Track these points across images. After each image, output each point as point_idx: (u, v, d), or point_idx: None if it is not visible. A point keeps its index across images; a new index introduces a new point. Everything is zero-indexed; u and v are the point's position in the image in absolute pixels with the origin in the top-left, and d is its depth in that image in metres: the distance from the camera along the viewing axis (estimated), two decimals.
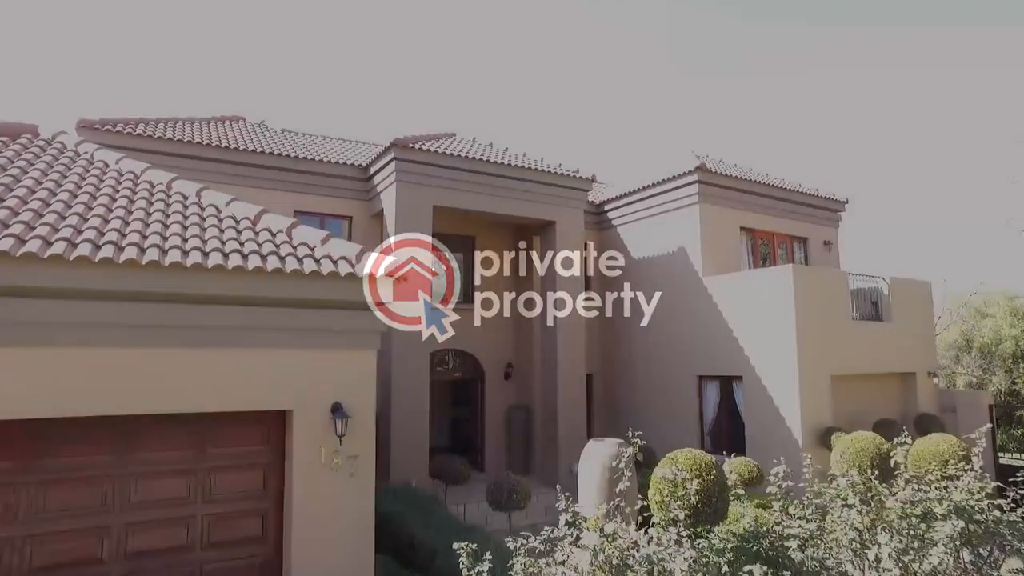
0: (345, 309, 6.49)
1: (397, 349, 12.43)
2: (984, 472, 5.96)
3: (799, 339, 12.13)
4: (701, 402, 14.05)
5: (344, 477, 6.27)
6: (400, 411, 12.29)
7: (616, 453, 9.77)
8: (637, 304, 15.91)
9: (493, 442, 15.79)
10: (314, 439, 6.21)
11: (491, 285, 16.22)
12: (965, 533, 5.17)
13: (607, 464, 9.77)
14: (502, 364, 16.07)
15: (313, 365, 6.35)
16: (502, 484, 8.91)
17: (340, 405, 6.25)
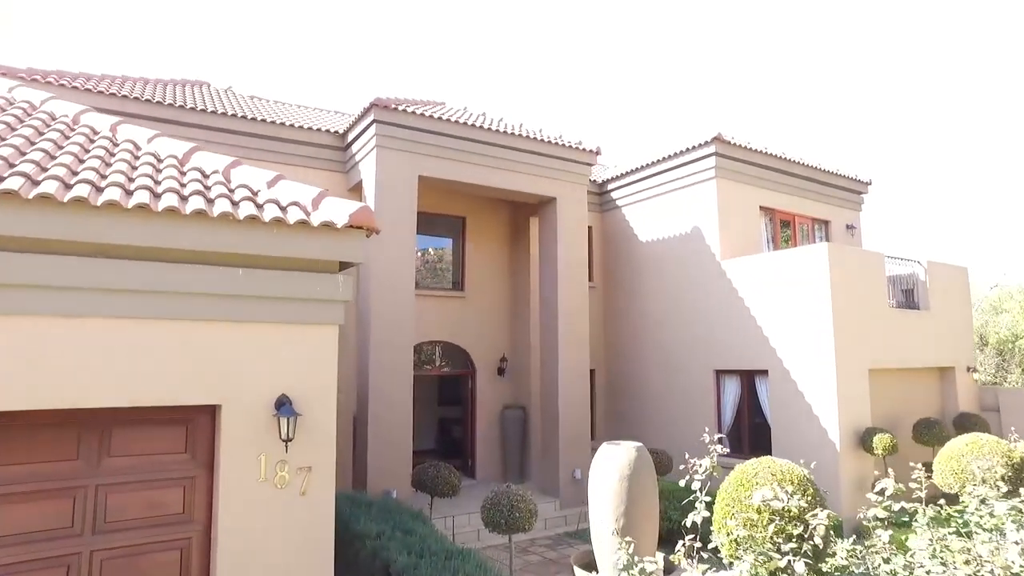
0: (297, 270, 4.88)
1: (376, 337, 10.81)
2: None
3: (836, 327, 10.62)
4: (718, 400, 12.52)
5: (292, 497, 4.66)
6: (379, 411, 10.66)
7: (635, 459, 8.20)
8: (644, 292, 14.36)
9: (485, 445, 14.19)
10: (250, 446, 4.60)
11: (484, 271, 14.64)
12: None
13: (624, 472, 8.19)
14: (495, 359, 14.47)
15: (251, 345, 4.73)
16: (500, 500, 7.31)
17: (287, 399, 4.66)
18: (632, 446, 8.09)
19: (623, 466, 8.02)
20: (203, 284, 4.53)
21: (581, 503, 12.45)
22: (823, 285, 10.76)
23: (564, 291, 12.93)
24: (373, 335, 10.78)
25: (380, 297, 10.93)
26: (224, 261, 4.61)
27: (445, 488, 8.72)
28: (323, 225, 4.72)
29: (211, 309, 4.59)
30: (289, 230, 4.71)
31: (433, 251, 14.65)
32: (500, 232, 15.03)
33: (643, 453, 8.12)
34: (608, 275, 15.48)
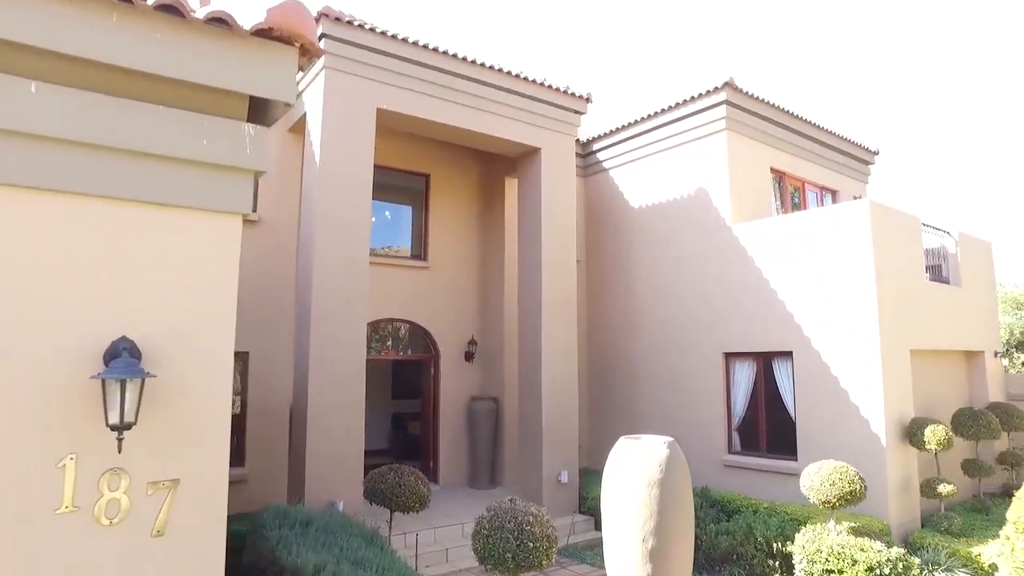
0: (166, 104, 2.66)
1: (320, 308, 8.51)
2: None
3: (880, 300, 8.86)
4: (728, 388, 10.66)
5: (136, 540, 2.43)
6: (322, 402, 8.37)
7: (667, 459, 6.15)
8: (636, 265, 12.42)
9: (450, 444, 12.01)
10: (40, 438, 2.34)
11: (451, 238, 12.45)
12: None
13: (654, 476, 6.06)
14: (463, 341, 12.30)
15: (57, 240, 2.49)
16: (503, 522, 5.10)
17: (128, 347, 2.44)
18: (661, 442, 6.07)
19: (652, 468, 5.99)
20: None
21: (569, 510, 10.41)
22: (865, 249, 8.99)
23: (550, 262, 10.86)
24: (316, 305, 8.48)
25: (326, 259, 8.64)
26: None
27: (410, 500, 6.52)
28: (212, 21, 2.53)
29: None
30: (143, 22, 2.49)
31: (390, 213, 12.38)
32: (471, 193, 12.86)
33: (676, 452, 6.11)
34: (592, 247, 13.49)
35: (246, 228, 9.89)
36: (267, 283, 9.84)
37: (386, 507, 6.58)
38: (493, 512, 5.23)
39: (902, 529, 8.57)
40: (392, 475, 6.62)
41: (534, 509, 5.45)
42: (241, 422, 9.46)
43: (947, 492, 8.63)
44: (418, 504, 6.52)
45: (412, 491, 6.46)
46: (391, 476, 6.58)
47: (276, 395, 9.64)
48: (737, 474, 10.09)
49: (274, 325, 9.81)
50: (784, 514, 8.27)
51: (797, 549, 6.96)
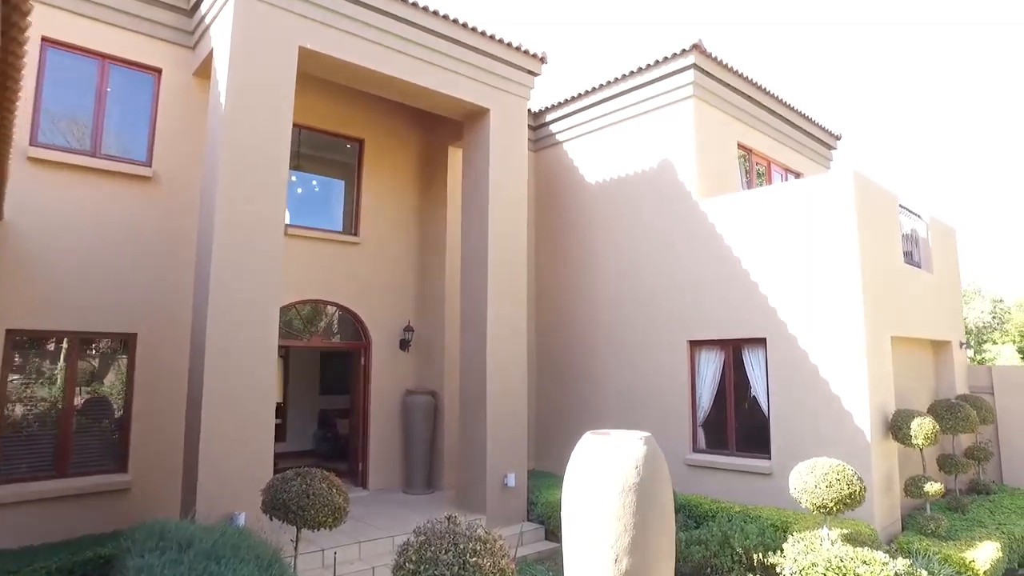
0: None
1: (219, 284, 7.00)
2: None
3: (865, 282, 8.01)
4: (693, 380, 9.67)
5: None
6: (221, 393, 6.87)
7: (644, 459, 5.01)
8: (591, 245, 11.33)
9: (381, 444, 10.62)
10: None
11: (386, 211, 11.07)
12: None
13: (629, 480, 4.89)
14: (397, 327, 10.94)
15: None
16: (434, 551, 3.77)
17: None
18: (637, 438, 4.94)
19: (627, 471, 4.84)
20: None
21: (517, 518, 9.20)
22: (848, 225, 8.12)
23: (498, 235, 9.62)
24: (216, 279, 6.97)
25: (229, 224, 7.14)
26: None
27: (321, 514, 5.09)
28: None
29: None
30: None
31: (317, 182, 10.90)
32: (410, 163, 11.50)
33: (655, 450, 4.99)
34: (543, 228, 12.34)
35: (137, 185, 8.30)
36: (162, 251, 8.23)
37: (290, 522, 5.15)
38: (424, 537, 3.93)
39: (885, 533, 7.73)
40: (298, 482, 5.18)
41: (481, 532, 4.19)
42: (124, 419, 7.84)
43: (934, 491, 7.86)
44: (332, 518, 5.12)
45: (324, 502, 5.06)
46: (297, 483, 5.14)
47: (171, 386, 8.05)
48: (703, 475, 9.10)
49: (170, 301, 8.21)
50: (763, 520, 7.28)
51: (787, 562, 5.95)
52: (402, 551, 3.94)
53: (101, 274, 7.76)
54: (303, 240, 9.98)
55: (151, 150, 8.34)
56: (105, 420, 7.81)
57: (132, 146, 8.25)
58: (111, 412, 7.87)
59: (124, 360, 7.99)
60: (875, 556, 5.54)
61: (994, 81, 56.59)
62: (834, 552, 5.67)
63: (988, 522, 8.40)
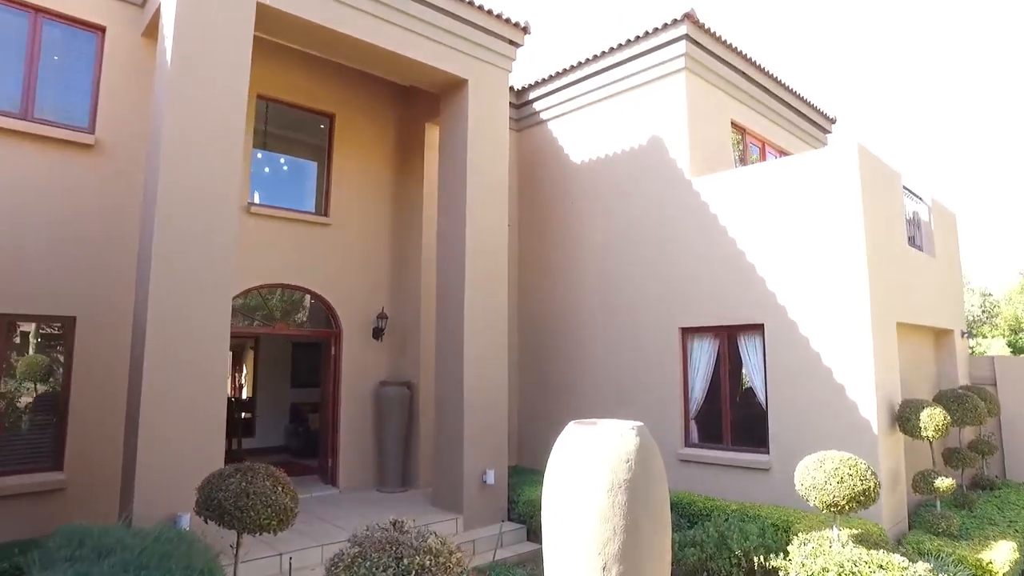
0: None
1: (163, 256, 6.27)
2: None
3: (871, 263, 7.44)
4: (685, 370, 9.07)
5: None
6: (163, 387, 6.14)
7: (636, 452, 4.36)
8: (576, 228, 10.70)
9: (353, 439, 9.93)
10: None
11: (358, 191, 10.37)
12: None
13: (619, 477, 4.17)
14: (370, 315, 10.25)
15: None
16: (377, 555, 3.15)
17: None
18: (628, 428, 4.29)
19: (617, 466, 4.20)
20: None
21: (496, 518, 8.56)
22: (852, 202, 7.55)
23: (477, 216, 8.95)
24: (157, 258, 6.23)
25: (175, 198, 6.40)
26: None
27: (264, 515, 4.35)
28: None
29: None
30: None
31: (285, 160, 10.18)
32: (384, 140, 10.80)
33: (648, 442, 4.34)
34: (526, 210, 11.69)
35: (78, 153, 7.49)
36: (107, 226, 7.49)
37: (226, 525, 4.43)
38: (360, 549, 3.26)
39: (893, 532, 7.17)
40: (237, 479, 4.45)
41: (434, 541, 3.50)
42: (61, 411, 7.09)
43: (945, 487, 7.30)
44: (277, 521, 4.40)
45: (267, 502, 4.34)
46: (236, 481, 4.41)
47: (115, 376, 7.31)
48: (696, 471, 8.51)
49: (115, 283, 7.46)
50: (763, 519, 6.68)
51: (793, 567, 5.34)
52: (331, 566, 3.26)
53: (35, 251, 7.00)
54: (268, 220, 9.28)
55: (94, 116, 7.58)
56: (38, 413, 7.05)
57: (72, 111, 7.49)
58: (46, 404, 7.12)
59: (61, 346, 7.24)
60: (892, 560, 4.95)
61: (983, 66, 56.55)
62: (846, 555, 5.08)
63: (998, 519, 7.88)
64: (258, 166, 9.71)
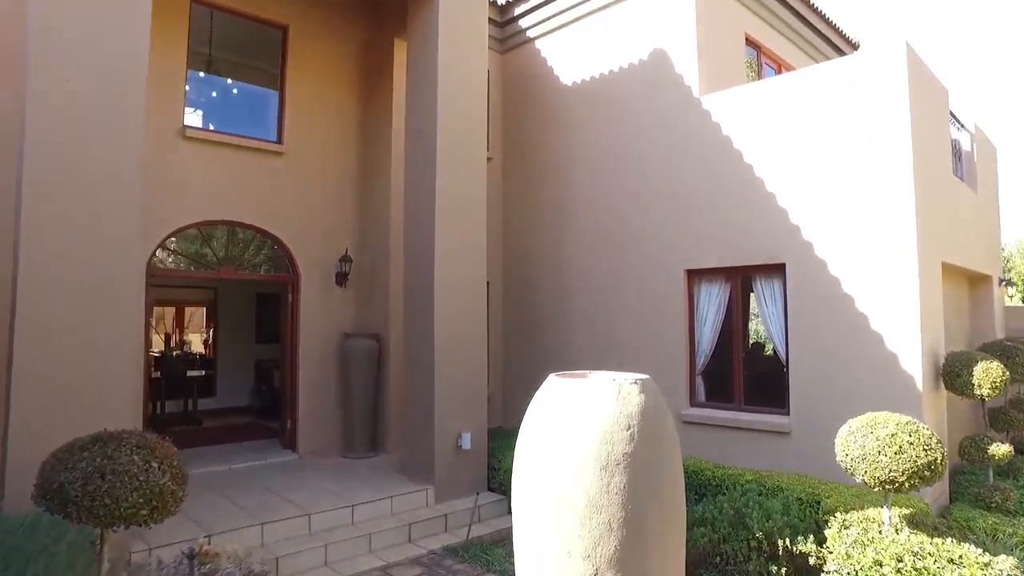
0: None
1: (32, 181, 4.96)
2: None
3: (918, 190, 6.19)
4: (691, 318, 7.88)
5: None
6: (39, 340, 4.89)
7: (640, 413, 2.89)
8: (567, 161, 9.38)
9: (314, 397, 8.78)
10: None
11: (318, 117, 9.01)
12: None
13: (617, 450, 2.59)
14: (332, 257, 8.99)
15: None
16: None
17: None
18: (630, 383, 3.10)
19: (615, 434, 2.98)
20: None
21: (472, 488, 7.47)
22: (899, 115, 6.25)
23: (449, 146, 7.62)
24: (27, 183, 4.91)
25: (51, 102, 5.06)
26: None
27: (127, 504, 3.10)
28: None
29: None
30: None
31: (233, 82, 8.79)
32: (347, 59, 9.38)
33: (656, 401, 3.15)
34: (511, 141, 10.34)
35: None
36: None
37: (69, 517, 3.17)
38: None
39: (935, 508, 6.09)
40: (91, 454, 3.19)
41: None
42: None
43: (1001, 454, 6.21)
44: (149, 509, 3.15)
45: (134, 484, 3.10)
46: (86, 460, 3.17)
47: None
48: (703, 434, 7.40)
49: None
50: (786, 494, 5.57)
51: (836, 558, 4.23)
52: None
53: None
54: (209, 147, 7.96)
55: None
56: None
57: None
58: None
59: None
60: (967, 552, 3.84)
61: None
62: (905, 544, 3.95)
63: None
64: (198, 87, 8.33)
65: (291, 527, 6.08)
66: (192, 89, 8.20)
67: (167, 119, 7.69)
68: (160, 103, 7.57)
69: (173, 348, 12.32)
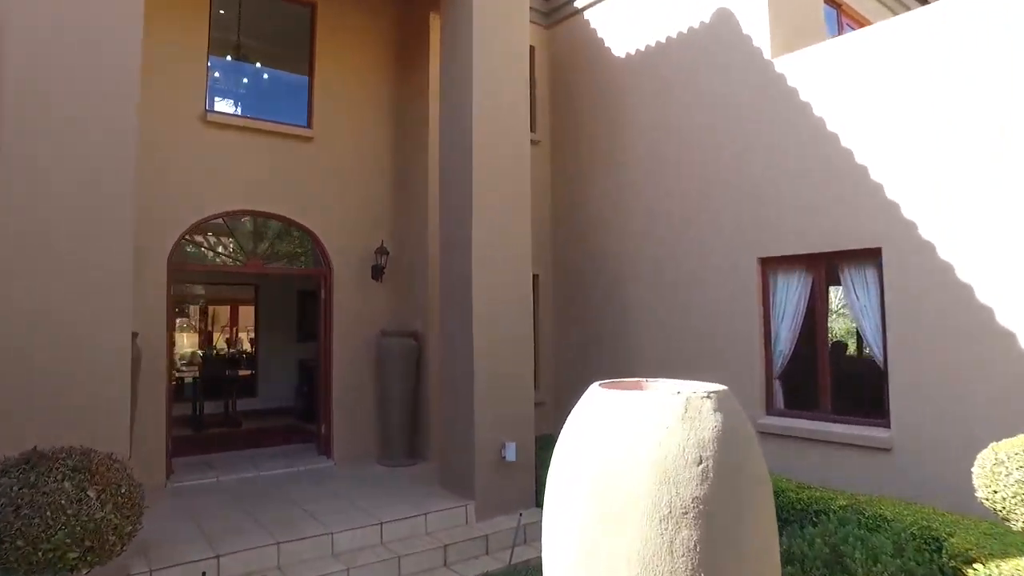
0: None
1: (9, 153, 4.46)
2: None
3: None
4: (767, 312, 6.88)
5: None
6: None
7: (719, 440, 2.19)
8: (627, 136, 8.48)
9: (350, 400, 8.20)
10: None
11: (349, 100, 8.41)
12: None
13: (682, 495, 2.22)
14: (367, 250, 8.38)
15: None
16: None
17: None
18: (702, 397, 2.24)
19: (678, 472, 2.16)
20: None
21: (518, 504, 6.70)
22: None
23: (486, 129, 6.84)
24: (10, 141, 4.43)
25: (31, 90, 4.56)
26: None
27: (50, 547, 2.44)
28: None
29: None
30: None
31: (260, 64, 8.29)
32: (380, 37, 8.75)
33: (739, 426, 2.30)
34: (559, 122, 9.51)
35: None
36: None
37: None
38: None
39: None
40: (3, 486, 2.51)
41: None
42: None
43: None
44: (81, 553, 2.45)
45: (62, 521, 2.39)
46: (2, 488, 2.53)
47: None
48: (782, 447, 6.39)
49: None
50: (894, 526, 4.56)
51: None
52: None
53: None
54: (233, 132, 7.47)
55: None
56: None
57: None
58: None
59: None
60: None
61: None
62: None
63: None
64: (221, 70, 7.88)
65: (311, 547, 5.44)
66: (214, 72, 7.72)
67: (187, 104, 7.21)
68: (179, 87, 7.11)
69: (212, 347, 12.03)
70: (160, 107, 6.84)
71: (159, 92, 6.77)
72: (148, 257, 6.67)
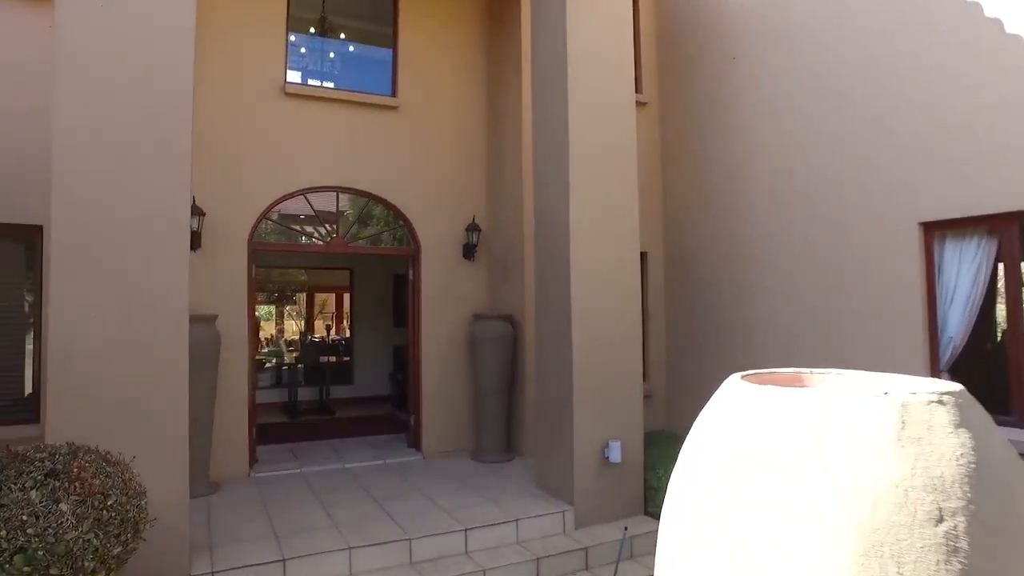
0: None
1: (64, 130, 4.10)
2: None
3: None
4: (931, 291, 5.58)
5: None
6: (74, 341, 4.04)
7: (949, 481, 1.35)
8: (747, 99, 7.30)
9: (441, 390, 7.64)
10: None
11: (437, 66, 7.81)
12: None
13: (904, 570, 1.29)
14: (458, 227, 7.76)
15: None
16: None
17: None
18: (925, 401, 1.34)
19: (896, 527, 1.28)
20: None
21: (623, 511, 5.85)
22: None
23: (583, 90, 5.97)
24: (59, 132, 4.09)
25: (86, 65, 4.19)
26: None
27: (19, 567, 2.03)
28: None
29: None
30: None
31: (341, 29, 7.84)
32: (470, 5, 8.07)
33: (991, 438, 1.37)
34: (669, 81, 8.44)
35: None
36: None
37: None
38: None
39: None
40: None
41: None
42: None
43: None
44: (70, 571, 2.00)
45: (20, 541, 1.87)
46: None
47: None
48: None
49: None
50: None
51: None
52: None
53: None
54: (313, 104, 7.06)
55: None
56: None
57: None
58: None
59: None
60: None
61: None
62: None
63: None
64: (299, 37, 7.48)
65: (386, 555, 4.87)
66: (295, 45, 7.34)
67: (265, 76, 6.84)
68: (257, 60, 6.75)
69: (309, 333, 11.94)
70: (237, 80, 6.51)
71: (233, 66, 6.44)
72: (227, 237, 6.36)
